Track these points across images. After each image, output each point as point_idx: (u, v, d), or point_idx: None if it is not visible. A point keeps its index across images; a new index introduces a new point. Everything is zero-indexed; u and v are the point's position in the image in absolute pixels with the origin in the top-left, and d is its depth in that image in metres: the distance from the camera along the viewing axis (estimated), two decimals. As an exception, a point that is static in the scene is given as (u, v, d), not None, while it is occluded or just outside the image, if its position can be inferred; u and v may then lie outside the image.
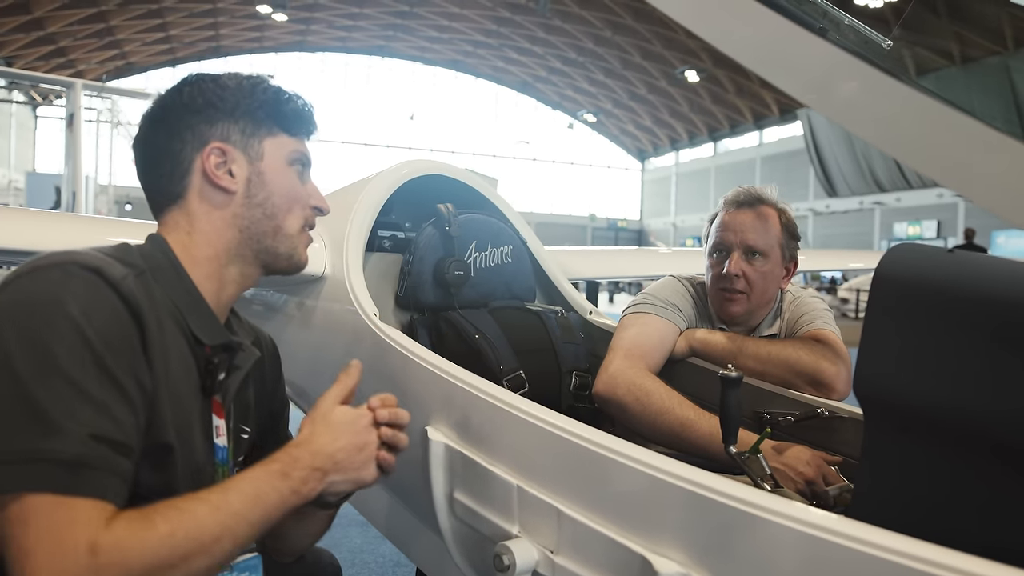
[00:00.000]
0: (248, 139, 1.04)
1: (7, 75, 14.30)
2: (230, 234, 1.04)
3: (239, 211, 1.03)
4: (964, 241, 11.44)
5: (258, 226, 1.05)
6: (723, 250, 1.75)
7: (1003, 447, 0.82)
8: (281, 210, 1.06)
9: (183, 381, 0.95)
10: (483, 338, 1.71)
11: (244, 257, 1.06)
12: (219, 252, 1.03)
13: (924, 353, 0.88)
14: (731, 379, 1.21)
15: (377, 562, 2.94)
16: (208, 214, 1.03)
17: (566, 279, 2.20)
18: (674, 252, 4.38)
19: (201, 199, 1.03)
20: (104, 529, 0.76)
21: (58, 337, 0.79)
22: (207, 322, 1.00)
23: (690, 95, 33.79)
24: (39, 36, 25.23)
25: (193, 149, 1.02)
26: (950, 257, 0.92)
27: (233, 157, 1.03)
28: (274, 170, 1.06)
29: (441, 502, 1.34)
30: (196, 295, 1.00)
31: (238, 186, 1.03)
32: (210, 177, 1.01)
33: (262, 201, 1.04)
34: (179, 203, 1.03)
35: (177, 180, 1.02)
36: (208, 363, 0.99)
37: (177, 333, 0.95)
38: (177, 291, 0.98)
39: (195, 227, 1.02)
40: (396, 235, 2.05)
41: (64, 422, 0.76)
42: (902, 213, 26.24)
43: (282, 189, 1.06)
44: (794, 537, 0.82)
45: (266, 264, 1.08)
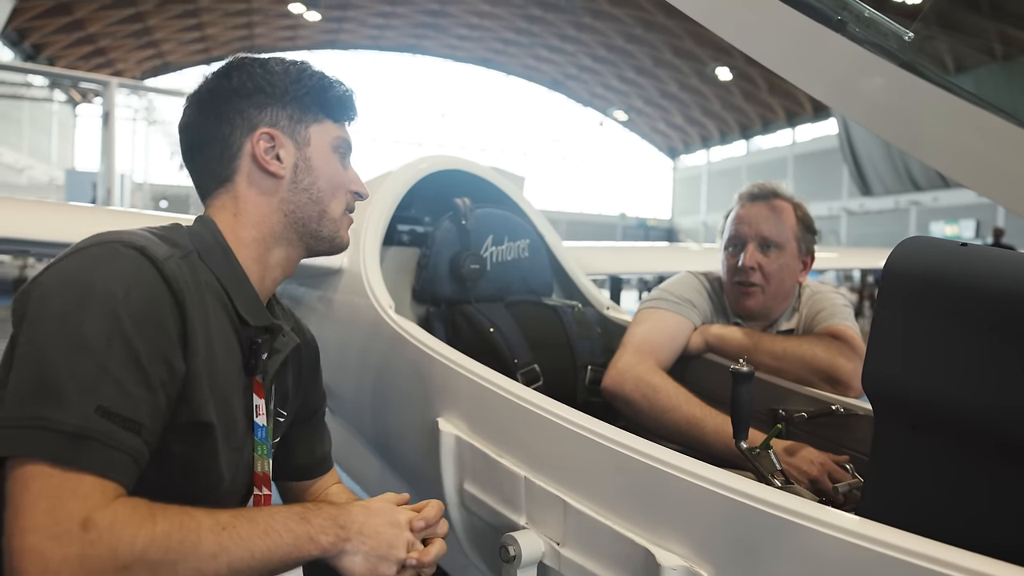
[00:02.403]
0: (295, 125, 1.06)
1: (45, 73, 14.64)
2: (276, 218, 1.05)
3: (286, 196, 1.05)
4: (993, 240, 11.18)
5: (304, 211, 1.06)
6: (738, 243, 1.74)
7: (1013, 445, 0.80)
8: (326, 195, 1.08)
9: (226, 360, 0.96)
10: (498, 331, 1.71)
11: (289, 240, 1.07)
12: (265, 235, 1.05)
13: (934, 349, 0.86)
14: (742, 374, 1.20)
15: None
16: (255, 198, 1.04)
17: (584, 274, 2.20)
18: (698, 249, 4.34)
19: (249, 183, 1.04)
20: (103, 507, 0.76)
21: (90, 312, 0.80)
22: (252, 303, 1.02)
23: (722, 93, 33.41)
24: (80, 37, 25.76)
25: (242, 134, 1.03)
26: (961, 251, 0.91)
27: (281, 142, 1.04)
28: (319, 156, 1.07)
29: (451, 493, 1.35)
30: (242, 276, 1.02)
31: (286, 171, 1.05)
32: (259, 162, 1.03)
33: (308, 186, 1.06)
34: (226, 186, 1.05)
35: (226, 163, 1.04)
36: (252, 343, 1.01)
37: (221, 313, 0.97)
38: (224, 272, 0.99)
39: (242, 210, 1.04)
40: (415, 229, 2.07)
41: (74, 394, 0.77)
42: (939, 213, 25.67)
43: (327, 175, 1.08)
44: (799, 533, 0.81)
45: (309, 247, 1.10)
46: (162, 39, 29.55)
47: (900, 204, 26.97)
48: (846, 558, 0.77)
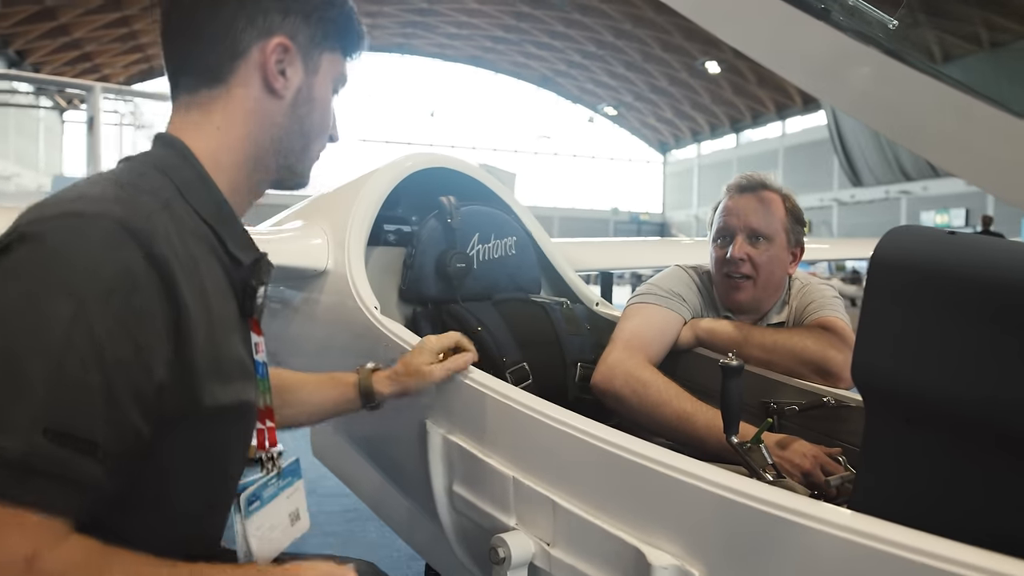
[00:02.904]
0: (312, 48, 0.94)
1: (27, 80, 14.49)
2: (263, 141, 0.94)
3: (279, 119, 0.94)
4: (982, 228, 11.22)
5: (291, 141, 0.96)
6: (727, 235, 1.73)
7: (1006, 435, 0.79)
8: (315, 130, 0.99)
9: (225, 315, 0.89)
10: (485, 331, 1.70)
11: (267, 167, 0.97)
12: (247, 158, 0.94)
13: (924, 339, 0.85)
14: (731, 368, 1.19)
15: (392, 557, 2.95)
16: (248, 113, 0.92)
17: (572, 270, 2.18)
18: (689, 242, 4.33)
19: (246, 92, 0.91)
20: (53, 547, 0.69)
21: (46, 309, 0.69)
22: (241, 237, 0.93)
23: (711, 86, 33.45)
24: (65, 42, 25.61)
25: (257, 35, 0.90)
26: (950, 240, 0.89)
27: (292, 60, 0.93)
28: (322, 88, 0.98)
29: (440, 495, 1.34)
30: (228, 210, 0.92)
31: (288, 92, 0.93)
32: (267, 73, 0.91)
33: (303, 116, 0.96)
34: (217, 88, 0.91)
35: (225, 61, 0.90)
36: (246, 287, 0.94)
37: (213, 261, 0.88)
38: (209, 209, 0.89)
39: (231, 127, 0.91)
40: (401, 229, 2.05)
41: (18, 414, 0.67)
42: (929, 202, 25.77)
43: (322, 110, 0.99)
44: (792, 529, 0.80)
45: (279, 179, 1.00)
46: (148, 43, 29.37)
47: (890, 194, 27.08)
48: (840, 554, 0.76)
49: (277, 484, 1.04)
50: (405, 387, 1.29)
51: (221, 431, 0.90)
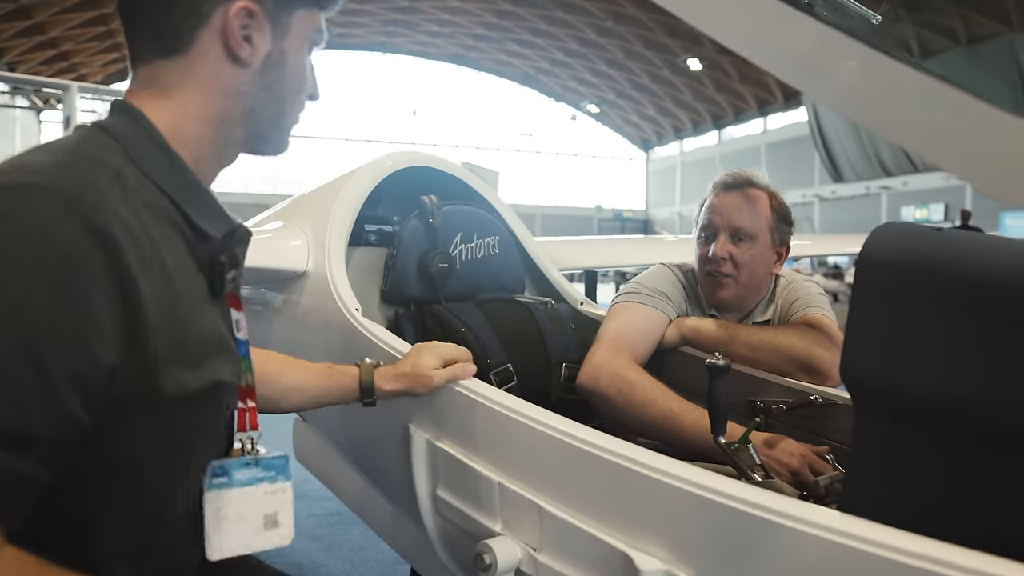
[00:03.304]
0: (280, 8, 0.87)
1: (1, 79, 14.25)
2: (231, 112, 0.87)
3: (246, 89, 0.87)
4: (960, 223, 11.34)
5: (262, 110, 0.89)
6: (710, 233, 1.72)
7: (993, 433, 0.78)
8: (289, 96, 0.91)
9: (189, 289, 0.81)
10: (469, 331, 1.67)
11: (235, 139, 0.90)
12: (213, 130, 0.87)
13: (912, 337, 0.84)
14: (718, 367, 1.18)
15: (377, 559, 2.92)
16: (211, 84, 0.85)
17: (556, 269, 2.17)
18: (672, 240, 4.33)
19: (208, 61, 0.84)
20: None
21: None
22: (210, 209, 0.86)
23: (693, 83, 33.60)
24: (41, 41, 25.28)
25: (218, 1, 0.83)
26: (938, 236, 0.88)
27: (259, 25, 0.85)
28: (294, 51, 0.90)
29: (425, 500, 1.32)
30: (193, 180, 0.84)
31: (255, 60, 0.86)
32: (229, 40, 0.83)
33: (273, 83, 0.88)
34: (176, 60, 0.84)
35: (185, 30, 0.82)
36: (214, 264, 0.85)
37: (172, 233, 0.80)
38: (168, 178, 0.81)
39: (192, 99, 0.84)
40: (383, 229, 2.02)
41: None
42: (909, 197, 26.05)
43: (295, 73, 0.91)
44: (781, 532, 0.79)
45: (252, 148, 0.94)
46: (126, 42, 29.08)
47: (871, 189, 27.35)
48: (830, 556, 0.75)
49: (255, 471, 0.94)
50: (409, 388, 1.25)
51: (191, 415, 0.83)
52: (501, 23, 32.20)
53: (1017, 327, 0.76)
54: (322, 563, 2.90)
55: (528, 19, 31.28)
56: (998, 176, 0.90)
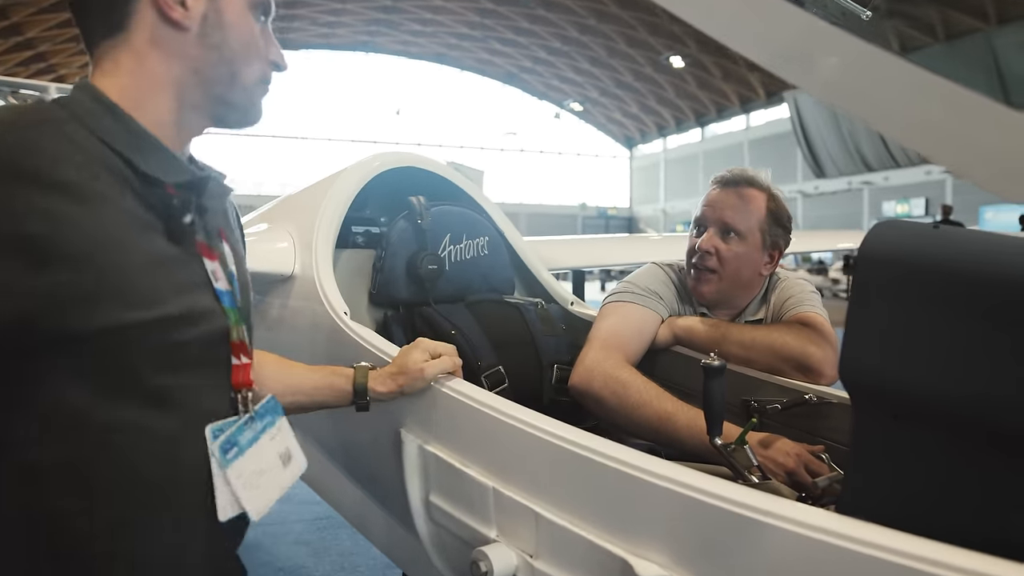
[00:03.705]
0: None
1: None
2: (182, 76, 0.89)
3: (192, 51, 0.88)
4: (942, 218, 11.46)
5: (213, 71, 0.90)
6: (701, 226, 1.71)
7: (994, 433, 0.77)
8: (239, 56, 0.91)
9: (134, 241, 0.81)
10: (459, 333, 1.65)
11: (194, 105, 0.91)
12: (166, 97, 0.88)
13: (913, 335, 0.83)
14: (714, 368, 1.16)
15: (368, 565, 2.90)
16: (155, 53, 0.87)
17: (546, 270, 2.15)
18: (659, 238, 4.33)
19: (148, 34, 0.87)
20: None
21: None
22: (162, 158, 0.86)
23: (676, 81, 33.72)
24: (18, 42, 24.98)
25: None
26: (937, 233, 0.87)
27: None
28: (234, 9, 0.91)
29: (417, 506, 1.30)
30: (142, 131, 0.85)
31: (192, 22, 0.87)
32: (160, 6, 0.85)
33: (218, 43, 0.90)
34: (119, 36, 0.87)
35: (118, 5, 0.86)
36: (167, 207, 0.85)
37: (117, 185, 0.81)
38: (114, 134, 0.83)
39: (141, 68, 0.87)
40: (370, 230, 2.00)
41: None
42: (890, 192, 26.28)
43: (241, 35, 0.91)
44: (781, 536, 0.78)
45: (218, 115, 0.94)
46: (105, 43, 28.82)
47: (853, 185, 27.56)
48: (830, 559, 0.74)
49: (254, 427, 0.95)
50: (403, 387, 1.25)
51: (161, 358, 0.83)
52: (484, 22, 32.17)
53: (1019, 326, 0.75)
54: (311, 568, 2.87)
55: (511, 18, 31.28)
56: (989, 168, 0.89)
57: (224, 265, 0.94)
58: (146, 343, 0.81)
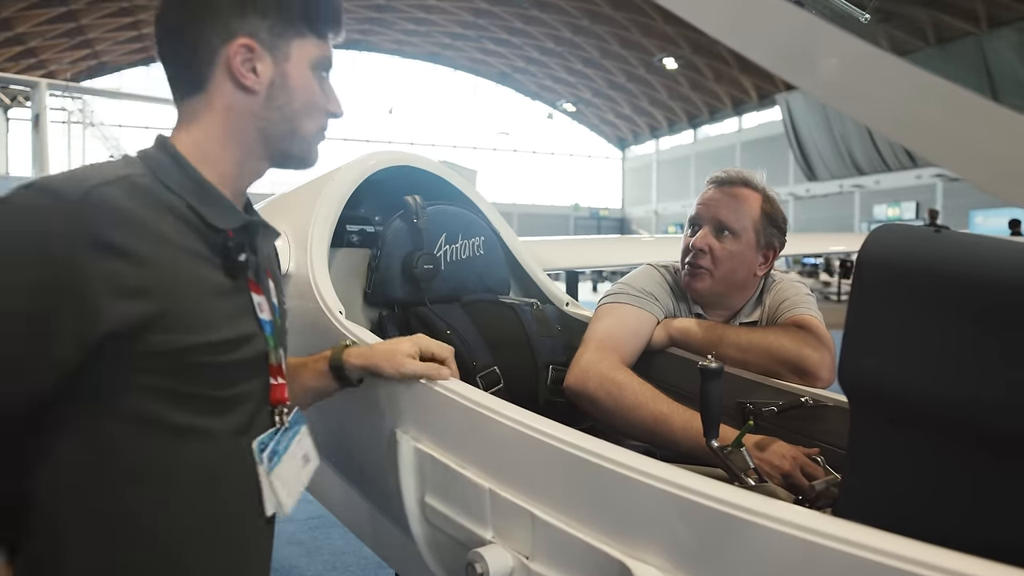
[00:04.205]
0: (276, 39, 1.01)
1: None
2: (247, 133, 1.02)
3: (258, 111, 1.02)
4: (929, 221, 11.54)
5: (275, 128, 1.03)
6: (696, 224, 1.72)
7: (987, 436, 0.77)
8: (299, 114, 1.04)
9: (198, 276, 0.96)
10: (455, 334, 1.65)
11: (259, 154, 1.05)
12: (235, 150, 1.03)
13: (909, 339, 0.83)
14: (711, 370, 1.16)
15: (359, 564, 2.89)
16: (227, 112, 1.01)
17: (541, 270, 2.15)
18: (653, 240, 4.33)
19: (222, 93, 1.00)
20: None
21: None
22: (222, 209, 1.00)
23: (669, 82, 33.78)
24: (7, 37, 24.80)
25: (220, 41, 0.98)
26: (937, 237, 0.88)
27: (259, 56, 1.00)
28: (298, 74, 1.03)
29: (412, 507, 1.29)
30: (206, 185, 1.00)
31: (261, 86, 1.00)
32: (235, 74, 0.99)
33: (282, 104, 1.02)
34: (199, 95, 1.01)
35: (200, 69, 1.00)
36: (224, 248, 0.99)
37: (184, 230, 0.95)
38: (184, 186, 0.97)
39: (214, 124, 1.01)
40: (365, 230, 1.99)
41: None
42: (881, 195, 26.40)
43: (303, 94, 1.04)
44: (778, 538, 0.77)
45: (278, 162, 1.08)
46: (96, 39, 28.64)
47: (844, 188, 27.67)
48: (827, 562, 0.73)
49: (288, 436, 1.10)
50: (375, 363, 1.26)
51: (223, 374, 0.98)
52: (477, 21, 32.15)
53: (1009, 329, 0.75)
54: (303, 568, 2.86)
55: (504, 18, 31.26)
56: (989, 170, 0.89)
57: (268, 298, 1.07)
58: (205, 361, 0.95)
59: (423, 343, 1.29)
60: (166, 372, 0.92)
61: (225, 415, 0.99)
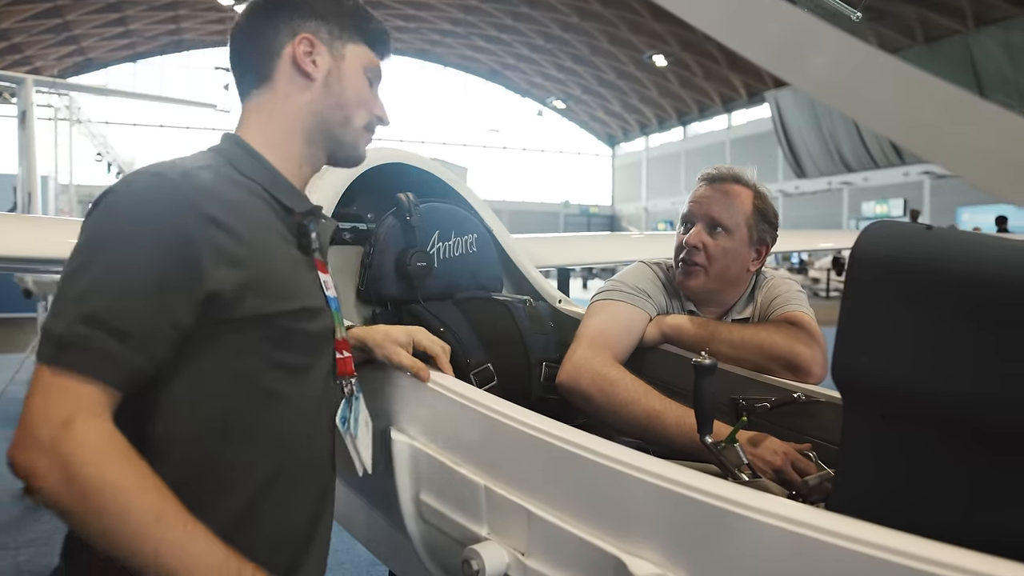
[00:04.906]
0: (334, 40, 1.18)
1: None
2: (305, 117, 1.16)
3: (316, 97, 1.16)
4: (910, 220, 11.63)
5: (330, 113, 1.17)
6: (689, 221, 1.73)
7: (980, 431, 0.78)
8: (351, 104, 1.18)
9: (282, 251, 1.08)
10: (448, 331, 1.65)
11: (314, 141, 1.18)
12: (295, 134, 1.16)
13: (903, 335, 0.84)
14: (705, 367, 1.17)
15: (352, 562, 2.89)
16: (289, 97, 1.15)
17: (534, 267, 2.15)
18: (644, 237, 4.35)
19: (286, 81, 1.15)
20: (91, 417, 0.85)
21: (104, 233, 0.94)
22: (291, 193, 1.14)
23: (658, 79, 33.83)
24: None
25: (286, 38, 1.15)
26: (929, 235, 0.88)
27: (319, 50, 1.16)
28: (351, 72, 1.19)
29: (407, 505, 1.29)
30: (276, 172, 1.13)
31: (319, 75, 1.16)
32: (297, 61, 1.14)
33: (337, 93, 1.17)
34: (265, 85, 1.16)
35: (267, 61, 1.15)
36: (299, 226, 1.12)
37: (266, 209, 1.09)
38: (258, 173, 1.11)
39: (276, 108, 1.15)
40: (357, 227, 1.98)
41: (68, 306, 0.89)
42: (869, 192, 26.54)
43: (355, 89, 1.19)
44: (774, 533, 0.78)
45: (331, 151, 1.21)
46: (82, 35, 28.40)
47: (833, 185, 27.80)
48: (820, 556, 0.74)
49: (356, 404, 1.21)
50: (365, 341, 1.31)
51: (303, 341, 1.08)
52: (467, 18, 32.10)
53: (1003, 325, 0.76)
54: (295, 566, 2.85)
55: (494, 15, 31.22)
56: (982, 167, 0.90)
57: (331, 278, 1.18)
58: (288, 327, 1.04)
59: (417, 336, 1.33)
60: (259, 336, 1.01)
61: (305, 382, 1.09)
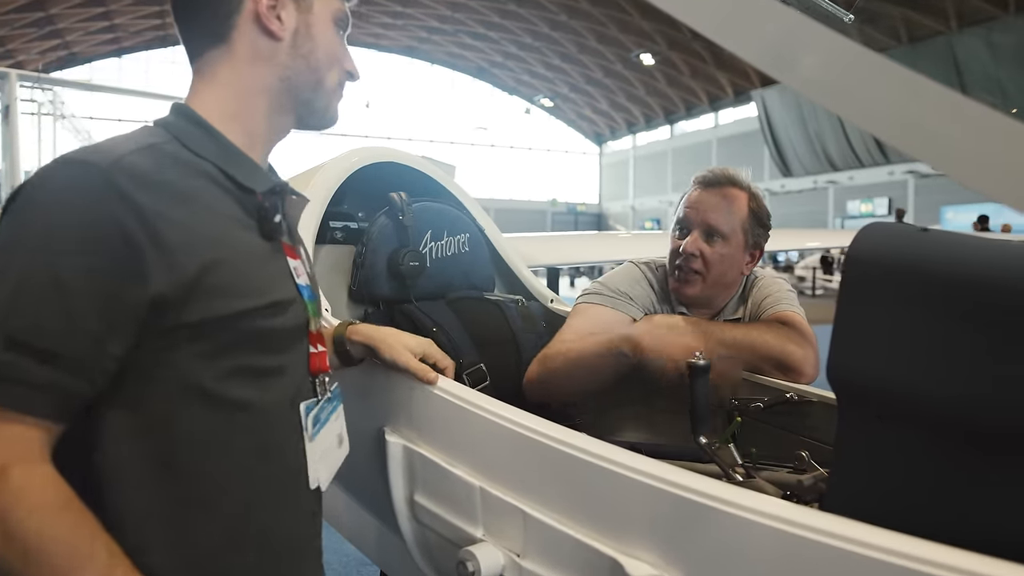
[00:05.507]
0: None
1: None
2: (272, 84, 1.00)
3: (284, 60, 1.00)
4: (896, 219, 11.72)
5: (300, 78, 1.02)
6: (684, 227, 1.71)
7: (974, 432, 0.79)
8: (323, 65, 1.04)
9: (240, 239, 0.94)
10: (441, 331, 1.65)
11: (283, 107, 1.03)
12: (259, 103, 1.00)
13: (897, 336, 0.84)
14: (699, 367, 1.17)
15: (341, 562, 2.88)
16: (252, 62, 0.99)
17: (526, 267, 2.15)
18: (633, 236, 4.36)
19: (247, 45, 0.98)
20: (27, 462, 0.76)
21: (21, 236, 0.81)
22: (251, 171, 0.98)
23: (646, 78, 33.92)
24: (-27, 27, 24.30)
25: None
26: (925, 236, 0.89)
27: (284, 3, 0.99)
28: (320, 24, 1.03)
29: (401, 506, 1.29)
30: (232, 148, 0.97)
31: (286, 34, 0.99)
32: (261, 19, 0.97)
33: (307, 53, 1.01)
34: (221, 46, 0.98)
35: (223, 18, 0.97)
36: (260, 208, 0.97)
37: (218, 193, 0.93)
38: (209, 150, 0.94)
39: (239, 77, 0.98)
40: (348, 226, 1.98)
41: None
42: (855, 191, 26.74)
43: (326, 45, 1.04)
44: (769, 533, 0.78)
45: (301, 117, 1.06)
46: (66, 28, 28.11)
47: (819, 184, 27.98)
48: (815, 556, 0.75)
49: (328, 408, 1.08)
50: (376, 343, 1.26)
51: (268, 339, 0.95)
52: (455, 16, 32.04)
53: (996, 327, 0.77)
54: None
55: (481, 12, 31.19)
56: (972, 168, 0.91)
57: (303, 263, 1.05)
58: (253, 328, 0.91)
59: (430, 349, 1.29)
60: (218, 341, 0.89)
61: (275, 385, 0.96)
